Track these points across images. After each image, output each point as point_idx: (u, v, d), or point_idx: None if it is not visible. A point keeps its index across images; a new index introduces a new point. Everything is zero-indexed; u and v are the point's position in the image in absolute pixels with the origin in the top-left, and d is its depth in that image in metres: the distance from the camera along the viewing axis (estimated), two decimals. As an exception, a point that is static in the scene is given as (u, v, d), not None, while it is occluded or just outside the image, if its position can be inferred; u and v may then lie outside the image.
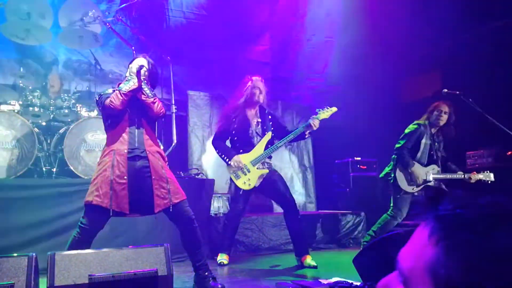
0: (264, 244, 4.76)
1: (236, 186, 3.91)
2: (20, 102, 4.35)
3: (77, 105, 4.65)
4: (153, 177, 2.73)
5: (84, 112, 4.65)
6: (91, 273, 1.95)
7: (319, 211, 6.37)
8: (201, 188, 4.65)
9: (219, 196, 5.06)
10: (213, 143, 4.12)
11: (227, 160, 3.93)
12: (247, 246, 4.68)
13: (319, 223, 5.24)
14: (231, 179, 3.97)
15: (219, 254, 4.00)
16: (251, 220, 4.78)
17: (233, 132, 4.02)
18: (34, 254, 2.04)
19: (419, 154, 4.06)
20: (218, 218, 4.65)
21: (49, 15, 4.87)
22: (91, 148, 4.35)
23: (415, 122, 4.14)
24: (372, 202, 5.60)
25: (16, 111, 4.26)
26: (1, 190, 3.51)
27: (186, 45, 6.17)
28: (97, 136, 4.38)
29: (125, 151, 2.73)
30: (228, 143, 4.11)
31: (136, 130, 2.81)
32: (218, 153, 4.07)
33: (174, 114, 5.04)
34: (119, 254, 2.04)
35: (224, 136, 4.09)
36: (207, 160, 5.91)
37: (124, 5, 5.02)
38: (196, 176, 5.06)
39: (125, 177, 2.67)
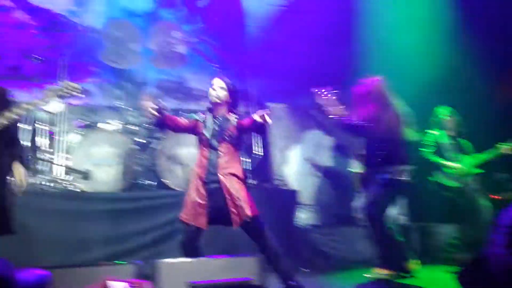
0: (353, 256, 4.60)
1: None
2: (119, 121, 4.75)
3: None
4: (227, 197, 2.95)
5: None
6: (191, 280, 2.04)
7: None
8: (284, 199, 4.68)
9: (305, 207, 5.04)
10: None
11: None
12: (333, 258, 4.58)
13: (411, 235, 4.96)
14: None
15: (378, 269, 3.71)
16: (340, 231, 4.68)
17: None
18: (140, 261, 2.21)
19: None
20: (305, 229, 4.63)
21: (139, 39, 5.28)
22: (182, 162, 4.60)
23: None
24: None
25: (117, 130, 4.66)
26: (109, 203, 3.86)
27: (263, 57, 6.29)
28: (188, 150, 4.62)
29: (203, 176, 3.04)
30: None
31: (213, 154, 3.08)
32: None
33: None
34: (215, 263, 2.13)
35: None
36: (290, 171, 5.93)
37: (205, 25, 5.29)
38: (279, 187, 5.09)
39: (205, 199, 2.99)
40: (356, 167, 4.17)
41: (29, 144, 4.67)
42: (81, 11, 5.39)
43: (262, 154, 5.14)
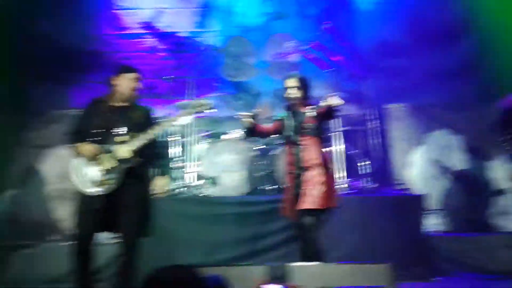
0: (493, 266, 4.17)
1: None
2: (241, 130, 5.04)
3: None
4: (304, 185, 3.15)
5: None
6: (322, 285, 2.08)
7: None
8: (408, 204, 4.44)
9: (433, 212, 4.73)
10: None
11: None
12: (468, 267, 4.21)
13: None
14: None
15: None
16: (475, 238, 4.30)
17: None
18: (269, 263, 2.32)
19: None
20: (435, 237, 4.35)
21: (254, 53, 5.58)
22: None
23: None
24: None
25: (239, 138, 4.96)
26: (236, 206, 4.13)
27: (379, 58, 6.11)
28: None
29: (293, 171, 3.24)
30: None
31: (297, 149, 3.22)
32: None
33: (374, 129, 5.03)
34: (346, 268, 2.13)
35: None
36: (413, 174, 5.62)
37: (317, 33, 5.34)
38: (403, 192, 4.86)
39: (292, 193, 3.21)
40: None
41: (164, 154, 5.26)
42: (202, 32, 5.90)
43: (381, 157, 4.97)
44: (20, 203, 5.58)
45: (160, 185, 3.02)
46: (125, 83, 3.06)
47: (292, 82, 3.35)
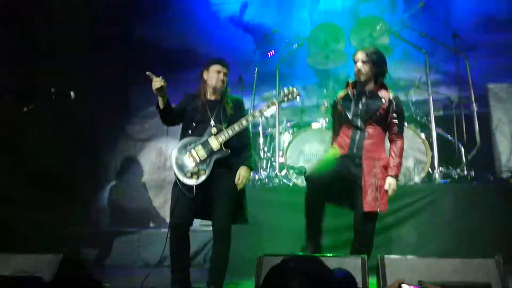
0: None
1: None
2: (326, 119, 4.96)
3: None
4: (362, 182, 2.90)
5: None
6: (420, 279, 1.98)
7: None
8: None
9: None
10: None
11: None
12: None
13: None
14: None
15: None
16: None
17: None
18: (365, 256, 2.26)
19: None
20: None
21: (342, 39, 5.41)
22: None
23: None
24: None
25: (323, 127, 4.89)
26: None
27: (479, 35, 5.60)
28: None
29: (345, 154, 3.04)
30: None
31: (358, 135, 2.96)
32: None
33: (475, 113, 4.62)
34: (448, 263, 2.01)
35: None
36: (520, 161, 5.07)
37: (410, 12, 5.02)
38: (511, 181, 4.42)
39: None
40: None
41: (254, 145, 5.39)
42: (288, 22, 5.90)
43: (480, 142, 4.55)
44: (122, 192, 6.13)
45: (242, 175, 3.07)
46: (212, 76, 3.17)
47: (361, 56, 2.90)
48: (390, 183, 2.86)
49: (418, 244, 3.78)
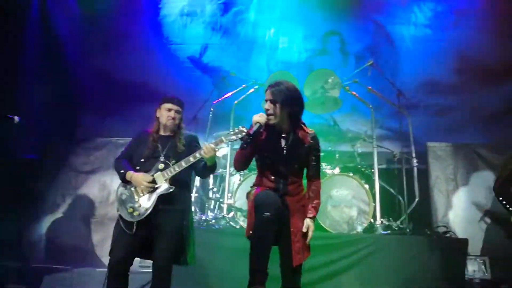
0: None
1: None
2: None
3: (322, 163, 5.05)
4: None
5: (328, 170, 4.99)
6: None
7: None
8: (451, 248, 4.23)
9: (474, 259, 4.48)
10: None
11: None
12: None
13: None
14: None
15: None
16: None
17: None
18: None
19: None
20: (472, 284, 4.10)
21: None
22: (337, 204, 4.61)
23: None
24: None
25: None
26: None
27: (421, 96, 6.06)
28: (342, 192, 4.63)
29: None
30: None
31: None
32: None
33: (415, 168, 4.89)
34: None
35: None
36: (455, 217, 5.36)
37: (360, 68, 5.35)
38: (445, 235, 4.65)
39: None
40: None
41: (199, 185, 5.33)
42: (246, 67, 6.07)
43: (419, 197, 4.80)
44: (58, 226, 5.77)
45: (207, 148, 2.93)
46: (163, 113, 3.20)
47: (268, 94, 2.73)
48: None
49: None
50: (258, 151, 2.79)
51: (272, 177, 2.74)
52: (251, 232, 2.62)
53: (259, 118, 2.68)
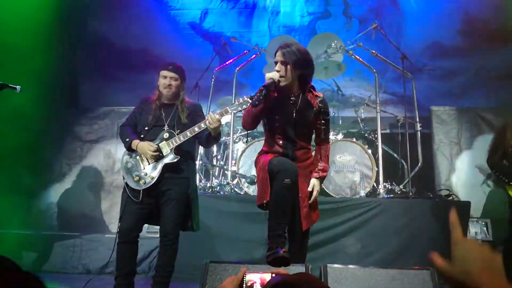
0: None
1: None
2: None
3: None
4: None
5: (331, 135, 5.00)
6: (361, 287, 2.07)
7: None
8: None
9: (475, 221, 4.55)
10: None
11: None
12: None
13: None
14: None
15: None
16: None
17: None
18: (308, 264, 2.32)
19: None
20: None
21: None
22: (339, 170, 4.64)
23: None
24: None
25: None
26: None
27: (426, 59, 5.97)
28: (345, 157, 4.65)
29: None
30: None
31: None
32: None
33: (419, 133, 4.89)
34: (386, 273, 2.10)
35: None
36: (458, 180, 5.42)
37: (364, 32, 5.25)
38: (448, 198, 4.70)
39: None
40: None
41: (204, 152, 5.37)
42: (247, 32, 5.97)
43: (422, 161, 4.82)
44: (66, 195, 5.87)
45: (212, 118, 2.92)
46: (160, 81, 3.16)
47: (279, 56, 2.64)
48: None
49: (361, 254, 3.92)
50: (268, 113, 2.71)
51: (281, 142, 2.70)
52: (268, 199, 2.52)
53: (273, 74, 2.61)
